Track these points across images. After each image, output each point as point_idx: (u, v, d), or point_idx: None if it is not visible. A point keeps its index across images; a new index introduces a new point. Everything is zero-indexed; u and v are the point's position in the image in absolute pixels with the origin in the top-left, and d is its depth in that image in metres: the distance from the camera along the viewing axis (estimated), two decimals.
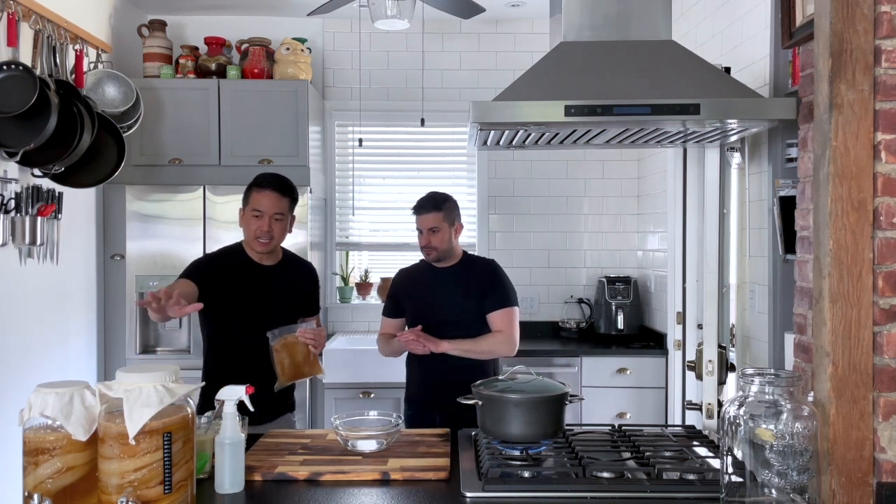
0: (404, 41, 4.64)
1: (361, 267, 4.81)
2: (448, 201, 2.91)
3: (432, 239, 2.87)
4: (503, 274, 2.95)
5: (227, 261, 2.66)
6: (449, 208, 2.90)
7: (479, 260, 3.02)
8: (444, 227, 2.87)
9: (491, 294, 2.88)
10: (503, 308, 2.86)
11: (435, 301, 2.90)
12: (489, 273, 2.94)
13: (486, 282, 2.90)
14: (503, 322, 2.85)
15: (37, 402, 1.52)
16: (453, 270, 2.93)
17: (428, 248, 2.88)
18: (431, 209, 2.87)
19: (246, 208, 2.63)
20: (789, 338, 2.16)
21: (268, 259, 2.68)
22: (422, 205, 2.90)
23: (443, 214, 2.87)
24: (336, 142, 4.75)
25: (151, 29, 4.22)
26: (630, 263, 4.75)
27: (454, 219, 2.92)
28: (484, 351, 2.82)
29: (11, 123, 2.99)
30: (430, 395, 2.85)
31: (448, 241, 2.88)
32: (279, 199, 2.61)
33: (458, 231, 2.94)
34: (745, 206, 3.00)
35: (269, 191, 2.60)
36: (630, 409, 4.05)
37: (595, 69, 2.08)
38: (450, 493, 1.79)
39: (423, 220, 2.88)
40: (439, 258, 2.90)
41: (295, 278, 2.76)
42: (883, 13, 1.56)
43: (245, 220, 2.64)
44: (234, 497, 1.76)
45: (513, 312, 2.88)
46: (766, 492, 1.54)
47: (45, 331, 3.51)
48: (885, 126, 1.57)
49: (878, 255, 1.57)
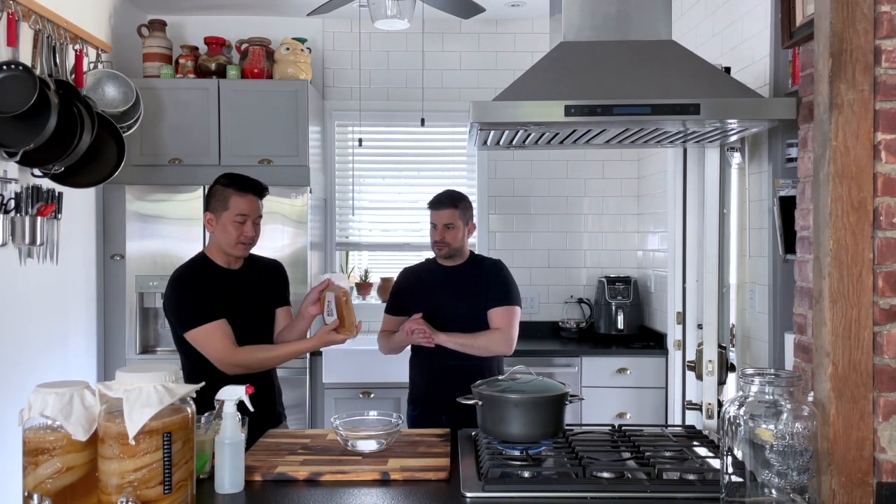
0: (404, 41, 4.64)
1: (361, 267, 4.81)
2: (465, 200, 2.95)
3: (446, 235, 2.88)
4: (508, 273, 2.96)
5: (202, 274, 2.55)
6: (465, 207, 2.93)
7: (487, 259, 3.03)
8: (458, 225, 2.89)
9: (493, 291, 2.89)
10: (503, 306, 2.87)
11: (441, 300, 2.90)
12: (495, 272, 2.95)
13: (491, 280, 2.91)
14: (502, 320, 2.86)
15: (37, 402, 1.52)
16: (461, 269, 2.95)
17: (441, 243, 2.89)
18: (449, 205, 2.89)
19: (223, 213, 2.52)
20: (789, 338, 2.16)
21: (236, 264, 2.61)
22: (439, 200, 2.91)
23: (459, 212, 2.89)
24: (336, 142, 4.75)
25: (151, 29, 4.22)
26: (630, 263, 4.75)
27: (469, 218, 2.95)
28: (480, 347, 2.81)
29: (11, 123, 2.99)
30: (435, 395, 2.84)
31: (461, 239, 2.90)
32: (258, 201, 2.57)
33: (470, 231, 2.97)
34: (745, 206, 3.00)
35: (250, 194, 2.54)
36: (630, 409, 4.05)
37: (595, 69, 2.08)
38: (450, 493, 1.79)
39: (439, 216, 2.89)
40: (450, 255, 2.92)
41: (266, 277, 2.70)
42: (883, 13, 1.56)
43: (222, 225, 2.52)
44: (234, 497, 1.76)
45: (513, 311, 2.88)
46: (766, 492, 1.54)
47: (45, 331, 3.51)
48: (885, 126, 1.57)
49: (878, 255, 1.57)
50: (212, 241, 2.60)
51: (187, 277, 2.55)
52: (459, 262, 2.96)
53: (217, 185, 2.57)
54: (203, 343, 2.46)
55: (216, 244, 2.57)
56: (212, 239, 2.60)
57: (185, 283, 2.53)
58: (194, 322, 2.45)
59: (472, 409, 2.11)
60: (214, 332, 2.45)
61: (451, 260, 2.95)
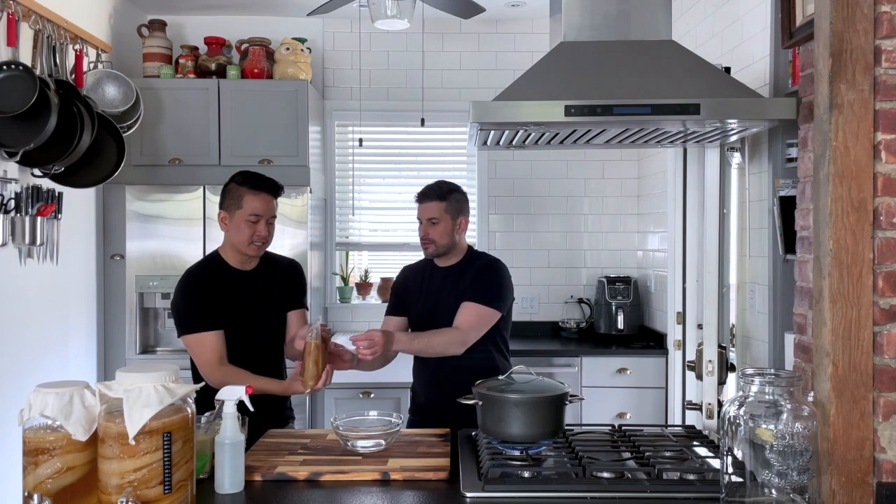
0: (404, 41, 4.64)
1: (361, 267, 4.81)
2: (455, 192, 2.69)
3: (430, 231, 2.64)
4: (498, 274, 2.71)
5: (212, 276, 2.53)
6: (454, 200, 2.67)
7: (484, 257, 2.79)
8: (445, 219, 2.64)
9: (473, 286, 2.63)
10: (474, 302, 2.60)
11: (434, 301, 2.71)
12: (485, 270, 2.70)
13: (476, 276, 2.66)
14: (466, 318, 2.59)
15: (37, 402, 1.52)
16: (455, 269, 2.72)
17: (426, 240, 2.66)
18: (434, 198, 2.65)
19: (237, 212, 2.49)
20: (789, 338, 2.16)
21: (249, 264, 2.58)
22: (425, 193, 2.68)
23: (446, 205, 2.64)
24: (336, 142, 4.75)
25: (151, 29, 4.22)
26: (630, 263, 4.75)
27: (459, 212, 2.68)
28: (437, 352, 2.57)
29: (11, 123, 2.99)
30: (437, 406, 2.64)
31: (449, 235, 2.66)
32: (272, 201, 2.53)
33: (462, 226, 2.71)
34: (745, 206, 3.00)
35: (264, 193, 2.50)
36: (630, 409, 4.05)
37: (595, 69, 2.08)
38: (450, 493, 1.79)
39: (424, 209, 2.66)
40: (438, 253, 2.69)
41: (281, 277, 2.65)
42: (883, 13, 1.56)
43: (235, 224, 2.49)
44: (234, 497, 1.76)
45: (481, 311, 2.60)
46: (766, 492, 1.54)
47: (45, 331, 3.51)
48: (885, 126, 1.57)
49: (878, 255, 1.57)
50: (226, 239, 2.58)
51: (195, 280, 2.53)
52: (455, 261, 2.73)
53: (232, 183, 2.54)
54: (192, 351, 2.47)
55: (230, 243, 2.55)
56: (226, 238, 2.57)
57: (190, 286, 2.51)
58: (189, 328, 2.46)
59: (472, 418, 2.09)
60: (205, 342, 2.43)
61: (446, 259, 2.72)
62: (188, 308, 2.48)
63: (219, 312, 2.47)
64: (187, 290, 2.51)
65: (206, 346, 2.43)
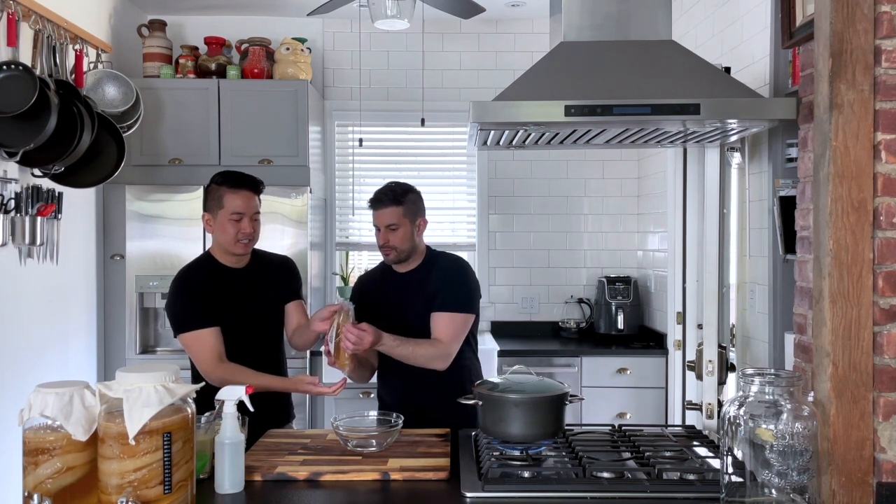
0: (404, 41, 4.64)
1: (361, 267, 4.81)
2: (410, 193, 2.56)
3: (391, 237, 2.52)
4: (465, 273, 2.60)
5: (206, 275, 2.53)
6: (411, 201, 2.55)
7: (444, 257, 2.65)
8: (404, 224, 2.52)
9: (441, 292, 2.52)
10: (448, 312, 2.50)
11: (396, 310, 2.57)
12: (450, 272, 2.59)
13: (442, 280, 2.55)
14: (445, 329, 2.49)
15: (37, 402, 1.52)
16: (416, 273, 2.60)
17: (386, 247, 2.54)
18: (390, 203, 2.51)
19: (219, 212, 2.48)
20: (789, 338, 2.16)
21: (241, 262, 2.58)
22: (378, 198, 2.54)
23: (403, 209, 2.52)
24: (336, 142, 4.75)
25: (151, 29, 4.22)
26: (630, 263, 4.75)
27: (417, 213, 2.57)
28: (419, 363, 2.47)
29: (11, 123, 2.98)
30: (409, 409, 2.43)
31: (409, 239, 2.54)
32: (254, 197, 2.53)
33: (421, 228, 2.59)
34: (745, 206, 3.00)
35: (244, 190, 2.50)
36: (630, 409, 4.05)
37: (595, 69, 2.08)
38: (450, 493, 1.79)
39: (380, 216, 2.53)
40: (399, 259, 2.57)
41: (274, 274, 2.66)
42: (883, 13, 1.56)
43: (219, 224, 2.49)
44: (234, 497, 1.76)
45: (458, 320, 2.51)
46: (766, 492, 1.54)
47: (45, 331, 3.51)
48: (885, 126, 1.57)
49: (878, 255, 1.57)
50: (214, 241, 2.59)
51: (188, 280, 2.54)
52: (414, 266, 2.60)
53: (212, 184, 2.55)
54: (190, 349, 2.47)
55: (217, 243, 2.57)
56: (214, 239, 2.58)
57: (184, 285, 2.52)
58: (186, 327, 2.46)
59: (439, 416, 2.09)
60: (203, 340, 2.43)
61: (405, 264, 2.60)
62: (184, 307, 2.48)
63: (215, 310, 2.48)
64: (182, 290, 2.51)
65: (204, 343, 2.43)
